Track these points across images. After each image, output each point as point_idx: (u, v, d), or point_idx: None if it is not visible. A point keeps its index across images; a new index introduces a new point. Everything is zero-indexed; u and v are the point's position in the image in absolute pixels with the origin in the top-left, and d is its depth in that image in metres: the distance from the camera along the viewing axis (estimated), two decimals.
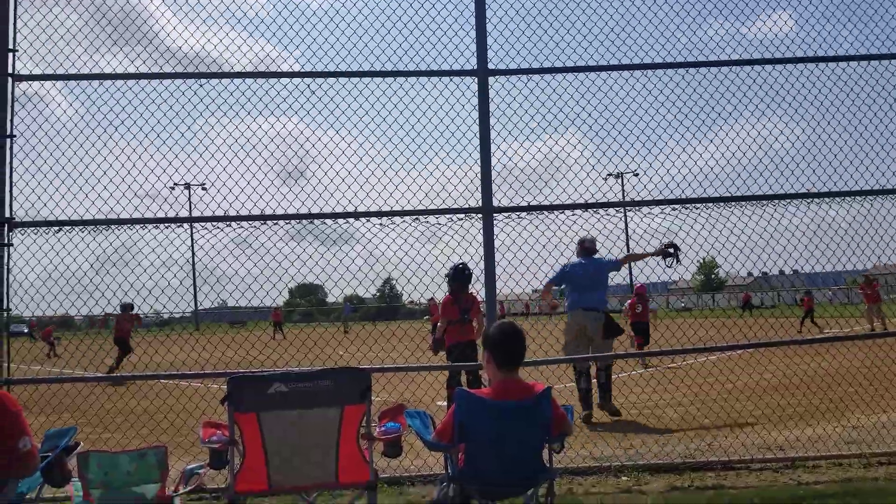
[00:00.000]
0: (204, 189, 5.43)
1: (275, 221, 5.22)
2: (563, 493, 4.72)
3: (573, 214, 5.41)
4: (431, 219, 5.34)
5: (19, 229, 5.04)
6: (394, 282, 6.16)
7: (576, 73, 5.42)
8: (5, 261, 4.92)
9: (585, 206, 5.40)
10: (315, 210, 5.25)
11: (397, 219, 5.30)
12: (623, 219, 5.81)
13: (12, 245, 4.98)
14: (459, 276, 7.32)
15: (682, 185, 5.46)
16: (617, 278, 8.75)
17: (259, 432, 3.14)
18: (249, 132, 5.42)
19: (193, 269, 5.65)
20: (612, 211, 5.45)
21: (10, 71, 5.08)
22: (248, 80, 5.32)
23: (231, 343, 6.49)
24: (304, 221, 5.27)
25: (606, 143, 5.55)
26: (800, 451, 5.46)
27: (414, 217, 5.29)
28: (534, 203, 5.34)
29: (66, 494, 3.55)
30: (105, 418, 7.06)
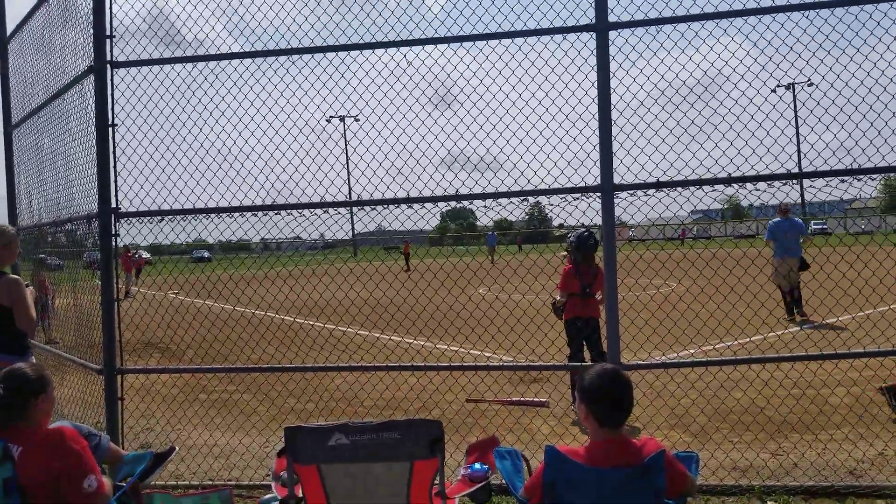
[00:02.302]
0: (357, 121, 5.37)
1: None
2: None
3: (713, 190, 4.53)
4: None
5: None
6: (543, 205, 5.59)
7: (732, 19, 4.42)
8: (113, 252, 4.96)
9: (728, 181, 4.49)
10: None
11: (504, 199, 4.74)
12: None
13: (119, 235, 5.00)
14: (583, 245, 6.65)
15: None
16: None
17: (321, 486, 2.84)
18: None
19: (349, 189, 5.60)
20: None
21: (108, 58, 4.99)
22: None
23: (368, 279, 6.36)
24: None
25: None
26: None
27: (522, 199, 4.69)
28: (664, 178, 4.52)
29: None
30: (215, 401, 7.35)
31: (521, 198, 4.69)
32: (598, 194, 4.57)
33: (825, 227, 59.68)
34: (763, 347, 9.29)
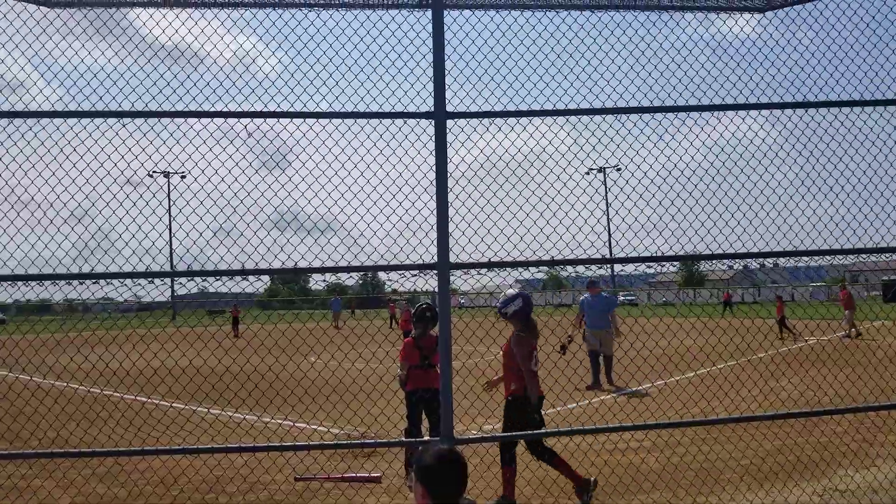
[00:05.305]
0: (182, 177, 5.09)
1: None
2: None
3: (538, 271, 4.87)
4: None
5: None
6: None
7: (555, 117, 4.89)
8: None
9: (552, 263, 4.87)
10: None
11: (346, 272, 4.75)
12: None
13: None
14: (422, 318, 6.80)
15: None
16: None
17: None
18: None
19: (171, 256, 5.29)
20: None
21: None
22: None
23: (199, 345, 5.95)
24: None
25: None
26: None
27: (362, 274, 4.74)
28: (495, 259, 4.79)
29: None
30: None
31: (362, 273, 4.74)
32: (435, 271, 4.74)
33: (633, 298, 65.54)
34: (580, 414, 9.87)
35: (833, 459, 6.86)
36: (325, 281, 5.20)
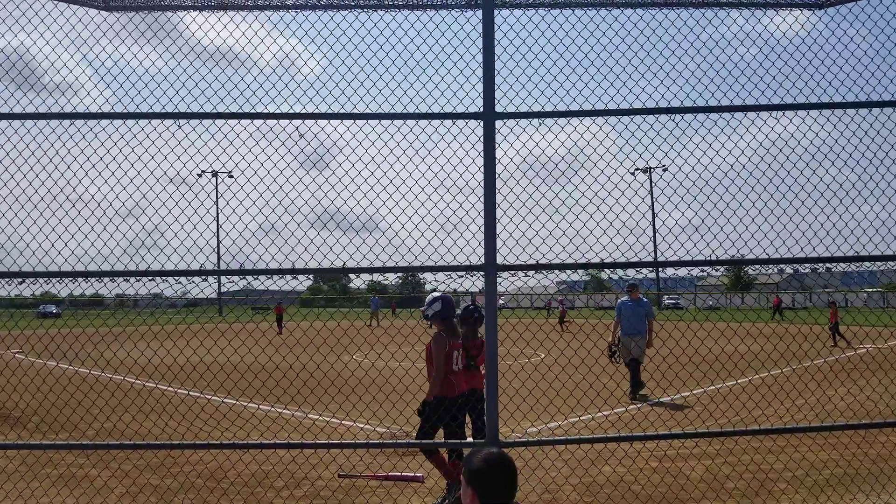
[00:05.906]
0: (231, 177, 5.27)
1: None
2: None
3: (586, 273, 4.80)
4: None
5: None
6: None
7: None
8: None
9: (601, 266, 4.78)
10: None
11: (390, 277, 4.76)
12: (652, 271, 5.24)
13: None
14: (468, 319, 6.78)
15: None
16: None
17: None
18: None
19: (219, 253, 5.45)
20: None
21: None
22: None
23: (239, 344, 6.07)
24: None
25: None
26: None
27: (410, 274, 4.75)
28: (543, 261, 4.73)
29: None
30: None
31: (409, 273, 4.75)
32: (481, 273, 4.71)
33: (678, 302, 64.01)
34: (629, 420, 9.70)
35: (894, 473, 6.59)
36: (372, 279, 5.25)
